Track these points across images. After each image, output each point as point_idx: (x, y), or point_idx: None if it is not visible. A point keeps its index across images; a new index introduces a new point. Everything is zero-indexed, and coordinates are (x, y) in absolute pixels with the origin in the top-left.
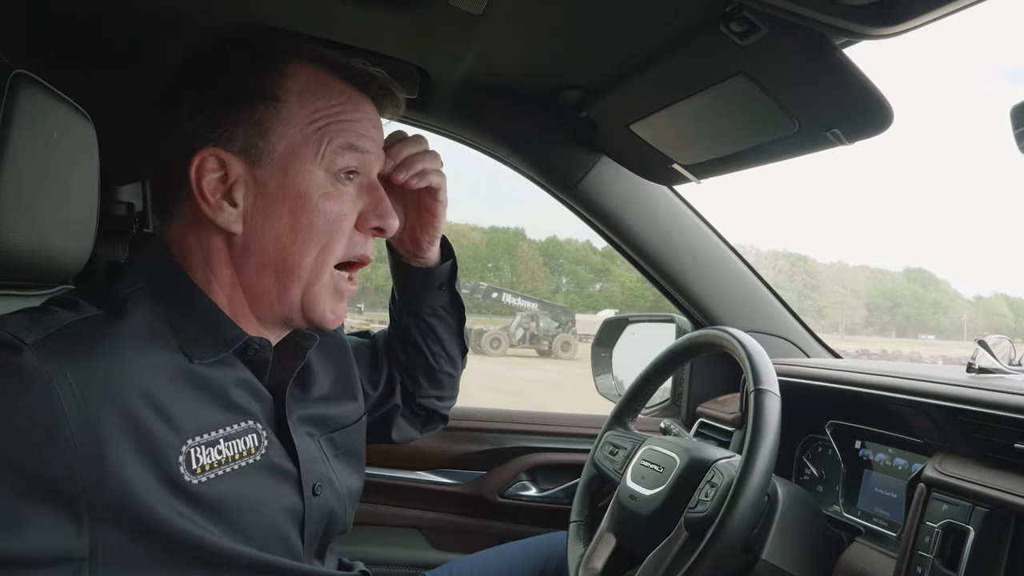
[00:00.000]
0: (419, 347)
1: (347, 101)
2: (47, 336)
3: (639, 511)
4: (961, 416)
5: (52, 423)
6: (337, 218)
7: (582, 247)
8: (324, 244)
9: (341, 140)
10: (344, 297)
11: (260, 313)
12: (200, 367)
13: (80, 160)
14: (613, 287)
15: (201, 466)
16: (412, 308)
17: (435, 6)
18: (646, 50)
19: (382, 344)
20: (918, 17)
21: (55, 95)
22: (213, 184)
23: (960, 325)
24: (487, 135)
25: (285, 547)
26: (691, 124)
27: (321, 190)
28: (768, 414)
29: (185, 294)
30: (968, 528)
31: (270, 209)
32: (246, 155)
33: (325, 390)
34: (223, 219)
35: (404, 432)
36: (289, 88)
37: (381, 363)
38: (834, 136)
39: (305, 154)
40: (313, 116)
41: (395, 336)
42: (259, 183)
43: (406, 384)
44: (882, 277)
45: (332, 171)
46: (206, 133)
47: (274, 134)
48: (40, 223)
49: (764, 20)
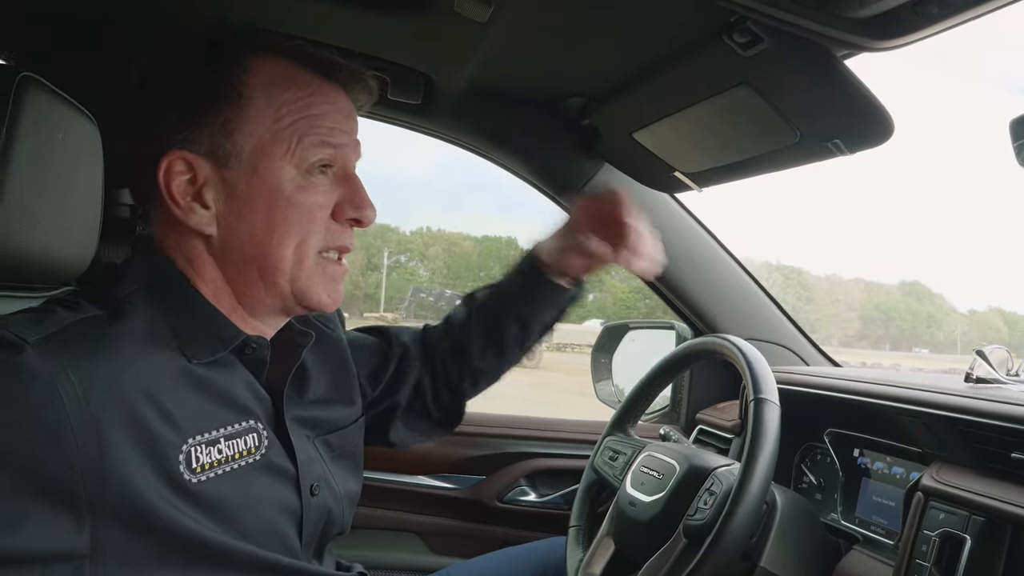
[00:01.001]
0: (500, 352)
1: (315, 92)
2: (49, 335)
3: (638, 517)
4: (959, 426)
5: (53, 421)
6: (312, 210)
7: None
8: (301, 237)
9: (312, 138)
10: (336, 279)
11: (252, 309)
12: (199, 367)
13: (84, 162)
14: (606, 297)
15: (201, 465)
16: (522, 315)
17: (440, 13)
18: (650, 59)
19: (411, 341)
20: (919, 31)
21: (60, 97)
22: (183, 187)
23: (954, 339)
24: (490, 141)
25: (283, 546)
26: (693, 133)
27: (293, 184)
28: (767, 423)
29: (182, 294)
30: (965, 537)
31: (243, 209)
32: (213, 157)
33: (320, 393)
34: (195, 221)
35: (401, 435)
36: (252, 84)
37: (389, 361)
38: (835, 146)
39: (275, 152)
40: (280, 112)
41: (470, 335)
42: (228, 184)
43: (436, 382)
44: (877, 290)
45: (303, 167)
46: (172, 136)
47: (240, 134)
48: (45, 226)
49: (767, 32)
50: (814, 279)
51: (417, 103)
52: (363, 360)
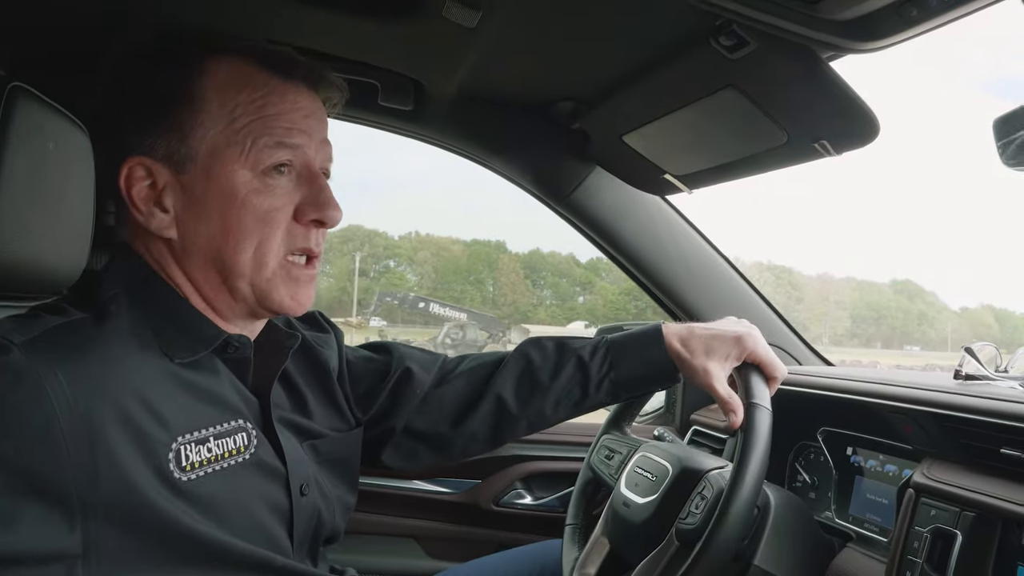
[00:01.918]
0: (569, 413)
1: (271, 92)
2: (35, 337)
3: (632, 519)
4: (948, 422)
5: (42, 421)
6: (268, 212)
7: (565, 260)
8: (259, 240)
9: (267, 139)
10: (301, 282)
11: (221, 311)
12: (185, 370)
13: (76, 172)
14: (596, 300)
15: (191, 463)
16: (614, 391)
17: (429, 19)
18: (638, 63)
19: (419, 367)
20: (901, 33)
21: (51, 107)
22: (144, 192)
23: (945, 336)
24: (481, 146)
25: (274, 546)
26: (683, 135)
27: (248, 187)
28: (759, 428)
29: (159, 296)
30: (956, 532)
31: (200, 212)
32: (169, 162)
33: (306, 403)
34: (156, 226)
35: (393, 459)
36: (207, 86)
37: (387, 379)
38: (822, 147)
39: (228, 155)
40: (234, 114)
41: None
42: (185, 188)
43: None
44: (868, 289)
45: (259, 168)
46: (130, 141)
47: (194, 138)
48: (36, 235)
49: (753, 35)
50: (805, 278)
51: (408, 109)
52: (358, 377)
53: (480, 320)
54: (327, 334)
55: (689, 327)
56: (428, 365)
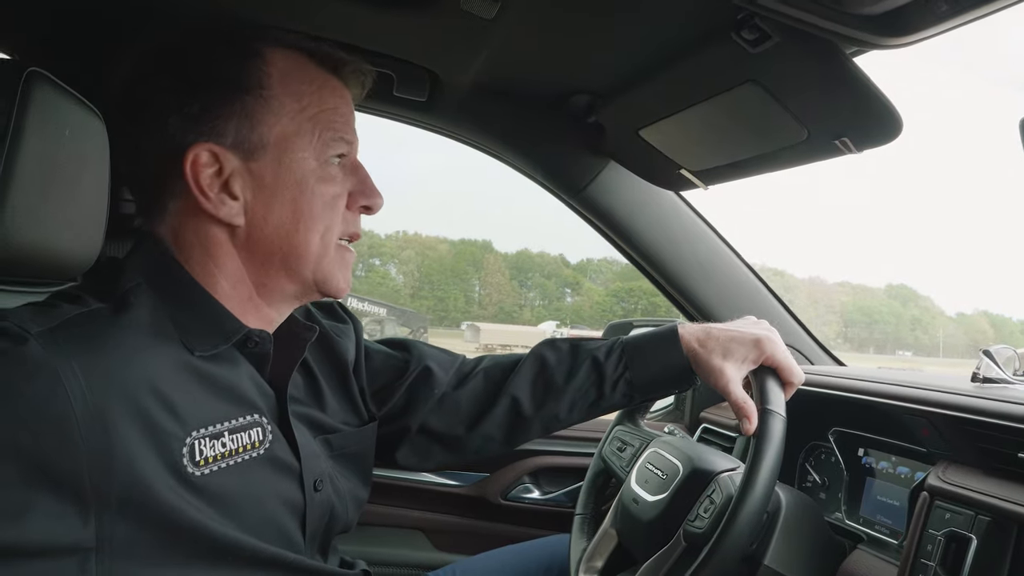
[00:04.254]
0: (583, 415)
1: (324, 86)
2: (53, 328)
3: (640, 516)
4: (965, 425)
5: (58, 412)
6: (333, 199)
7: (554, 260)
8: (326, 226)
9: (331, 132)
10: (349, 265)
11: (269, 296)
12: (203, 361)
13: (91, 159)
14: (583, 301)
15: (204, 458)
16: (629, 392)
17: (446, 10)
18: (656, 56)
19: (439, 367)
20: (928, 29)
21: (68, 93)
22: (210, 179)
23: (938, 341)
24: (495, 138)
25: (286, 541)
26: (700, 130)
27: (315, 175)
28: (772, 436)
29: (183, 288)
30: (971, 537)
31: (271, 200)
32: (239, 148)
33: (322, 395)
34: (225, 213)
35: (407, 458)
36: (271, 74)
37: (405, 377)
38: (843, 144)
39: (298, 143)
40: (301, 103)
41: (568, 395)
42: (255, 175)
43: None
44: (862, 293)
45: (322, 158)
46: (196, 128)
47: (265, 125)
48: (50, 223)
49: (775, 28)
50: (797, 282)
51: (423, 100)
52: (376, 371)
53: (400, 316)
54: (346, 324)
55: (706, 327)
56: (447, 365)
